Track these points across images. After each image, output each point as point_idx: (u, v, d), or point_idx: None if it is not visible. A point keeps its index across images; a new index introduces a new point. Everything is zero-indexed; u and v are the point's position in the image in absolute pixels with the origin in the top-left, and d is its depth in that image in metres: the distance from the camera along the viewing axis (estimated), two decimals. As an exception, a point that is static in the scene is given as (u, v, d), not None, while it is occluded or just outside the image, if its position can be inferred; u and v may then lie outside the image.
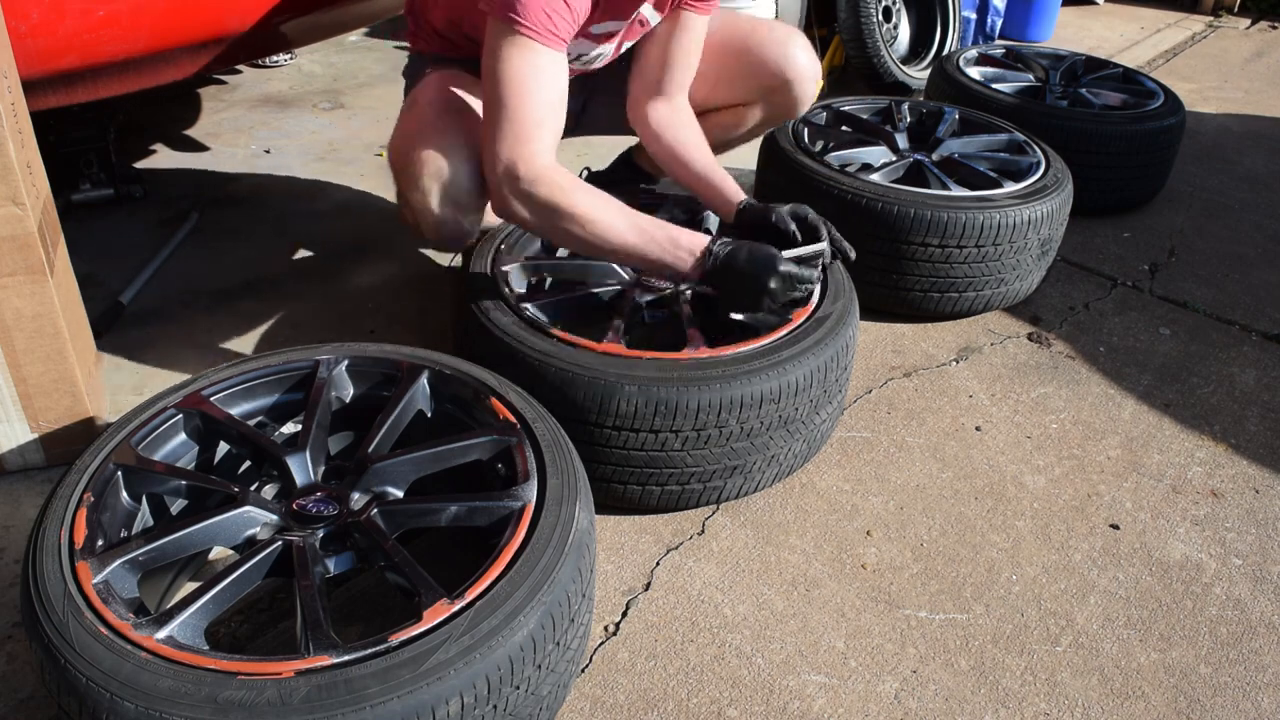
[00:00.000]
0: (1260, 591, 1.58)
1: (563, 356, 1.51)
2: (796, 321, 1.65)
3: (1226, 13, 5.24)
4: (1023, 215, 2.09)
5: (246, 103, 3.24)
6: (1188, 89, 3.97)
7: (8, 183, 1.40)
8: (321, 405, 1.39)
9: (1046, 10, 4.39)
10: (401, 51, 3.81)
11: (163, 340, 2.01)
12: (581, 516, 1.21)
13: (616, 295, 1.77)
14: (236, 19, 1.98)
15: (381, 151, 2.92)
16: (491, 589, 1.09)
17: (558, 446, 1.31)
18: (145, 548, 1.15)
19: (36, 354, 1.53)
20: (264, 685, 0.97)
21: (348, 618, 1.40)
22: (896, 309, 2.20)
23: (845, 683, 1.37)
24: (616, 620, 1.44)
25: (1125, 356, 2.16)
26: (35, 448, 1.61)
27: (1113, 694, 1.38)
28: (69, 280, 1.63)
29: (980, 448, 1.85)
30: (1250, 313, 2.37)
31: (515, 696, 1.07)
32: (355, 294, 2.21)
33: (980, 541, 1.64)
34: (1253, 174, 3.19)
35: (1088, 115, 2.70)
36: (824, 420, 1.67)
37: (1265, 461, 1.87)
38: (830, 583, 1.53)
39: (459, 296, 1.70)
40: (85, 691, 0.97)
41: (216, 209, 2.53)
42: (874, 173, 2.22)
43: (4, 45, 1.48)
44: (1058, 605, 1.52)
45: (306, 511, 1.24)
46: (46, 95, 1.88)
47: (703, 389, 1.47)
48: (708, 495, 1.59)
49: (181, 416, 1.36)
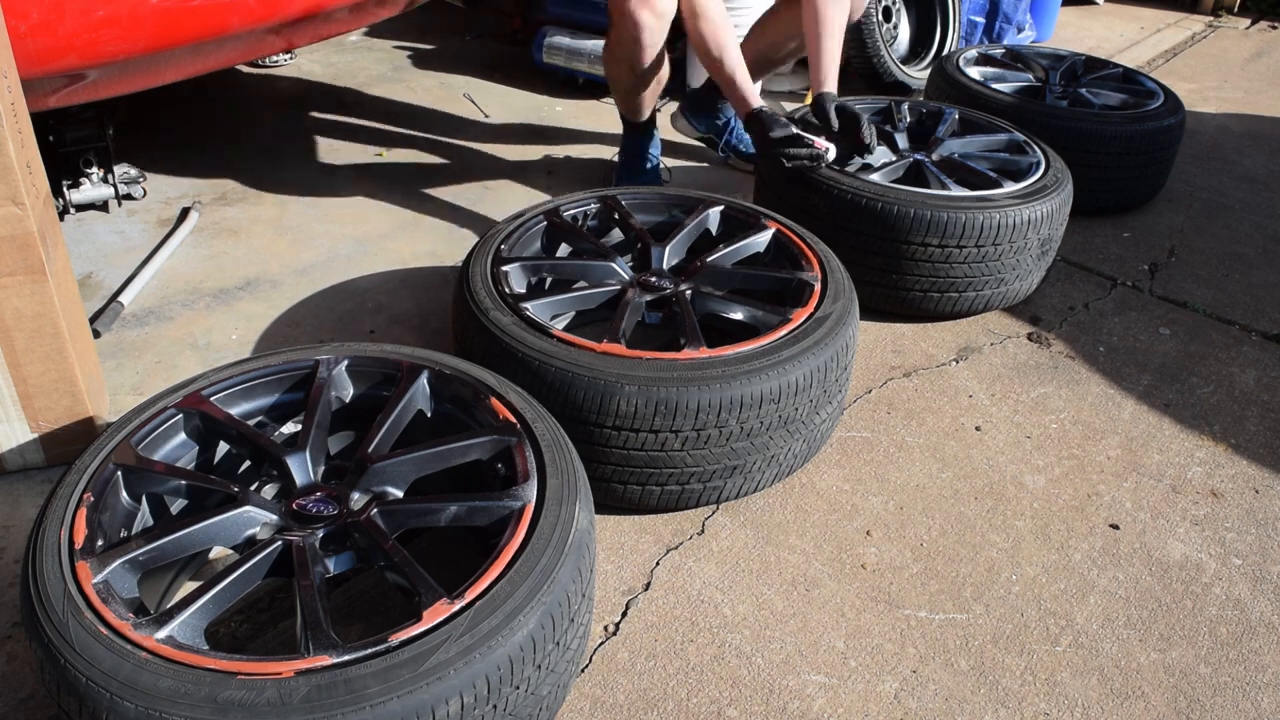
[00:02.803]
0: (1260, 591, 1.58)
1: (563, 356, 1.51)
2: (796, 321, 1.65)
3: (1226, 13, 5.24)
4: (1023, 215, 2.09)
5: (247, 102, 3.24)
6: (1188, 89, 3.97)
7: (8, 183, 1.40)
8: (321, 405, 1.39)
9: (1046, 10, 4.39)
10: (401, 51, 3.82)
11: (163, 340, 2.01)
12: (581, 516, 1.21)
13: (616, 295, 1.77)
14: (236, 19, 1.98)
15: (382, 152, 2.92)
16: (491, 589, 1.09)
17: (558, 446, 1.31)
18: (145, 548, 1.16)
19: (36, 354, 1.53)
20: (264, 685, 0.97)
21: (348, 618, 1.40)
22: (896, 309, 2.20)
23: (845, 683, 1.37)
24: (616, 620, 1.44)
25: (1125, 356, 2.16)
26: (35, 448, 1.61)
27: (1112, 694, 1.38)
28: (68, 280, 1.63)
29: (980, 448, 1.85)
30: (1250, 313, 2.37)
31: (515, 696, 1.07)
32: (355, 294, 2.21)
33: (980, 541, 1.64)
34: (1252, 174, 3.19)
35: (1088, 115, 2.69)
36: (824, 420, 1.67)
37: (1265, 461, 1.87)
38: (830, 583, 1.53)
39: (459, 296, 1.70)
40: (85, 691, 0.97)
41: (216, 209, 2.53)
42: (874, 173, 2.22)
43: (4, 45, 1.48)
44: (1058, 605, 1.52)
45: (306, 511, 1.24)
46: (46, 95, 1.88)
47: (703, 389, 1.47)
48: (708, 495, 1.59)
49: (181, 416, 1.36)
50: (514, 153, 2.98)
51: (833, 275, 1.80)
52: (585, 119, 3.28)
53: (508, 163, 2.91)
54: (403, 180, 2.75)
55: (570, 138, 3.13)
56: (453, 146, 3.00)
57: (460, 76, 3.60)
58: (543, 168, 2.89)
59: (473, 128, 3.15)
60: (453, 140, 3.04)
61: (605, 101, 3.44)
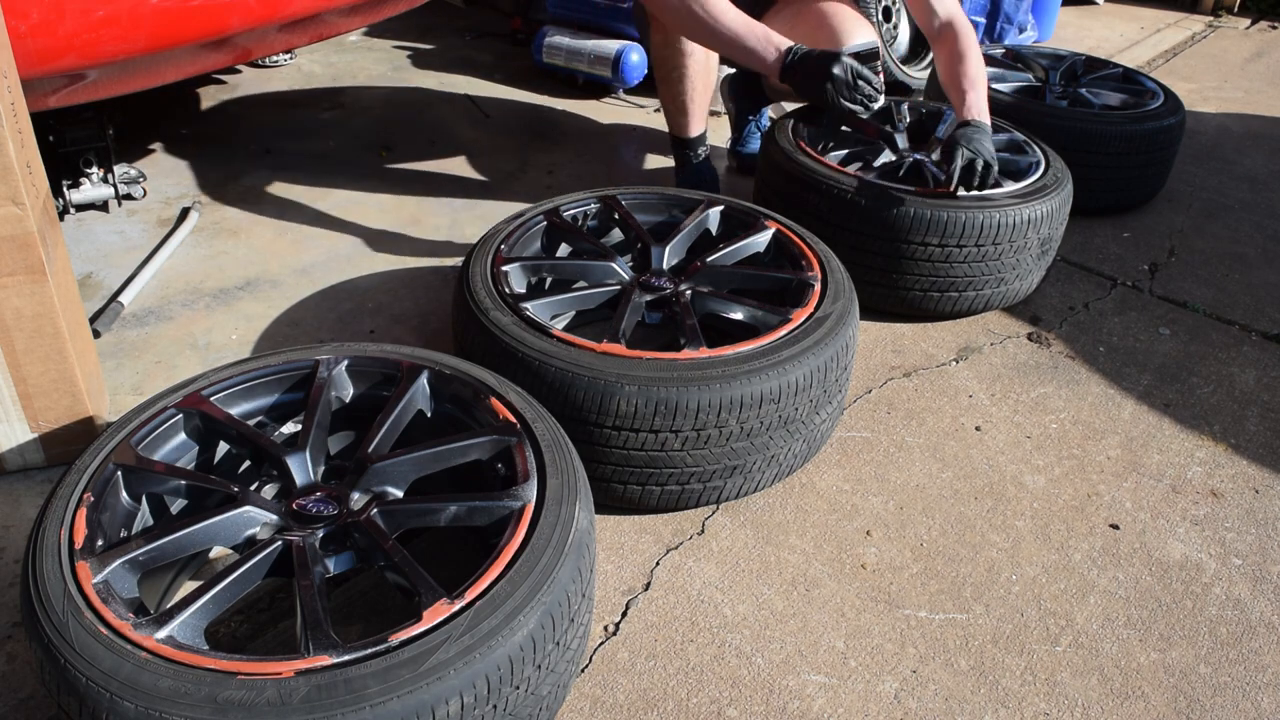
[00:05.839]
0: (1260, 591, 1.58)
1: (563, 356, 1.51)
2: (796, 321, 1.65)
3: (1226, 13, 5.23)
4: (1022, 215, 2.08)
5: (246, 103, 3.24)
6: (1188, 89, 3.97)
7: (8, 183, 1.40)
8: (321, 405, 1.39)
9: (1047, 10, 4.39)
10: (401, 51, 3.82)
11: (163, 340, 2.01)
12: (581, 516, 1.21)
13: (616, 295, 1.77)
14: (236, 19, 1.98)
15: (382, 152, 2.92)
16: (491, 589, 1.09)
17: (558, 446, 1.31)
18: (145, 547, 1.16)
19: (36, 354, 1.53)
20: (264, 685, 0.97)
21: (348, 618, 1.40)
22: (896, 309, 2.20)
23: (845, 683, 1.37)
24: (616, 620, 1.44)
25: (1125, 356, 2.16)
26: (35, 448, 1.61)
27: (1112, 694, 1.38)
28: (68, 280, 1.63)
29: (980, 448, 1.85)
30: (1250, 313, 2.37)
31: (515, 696, 1.07)
32: (355, 294, 2.21)
33: (980, 541, 1.64)
34: (1252, 174, 3.19)
35: (1088, 115, 2.69)
36: (824, 420, 1.67)
37: (1265, 461, 1.87)
38: (830, 582, 1.53)
39: (459, 296, 1.70)
40: (85, 691, 0.97)
41: (216, 209, 2.53)
42: (873, 172, 2.22)
43: (4, 45, 1.48)
44: (1057, 605, 1.52)
45: (306, 511, 1.24)
46: (46, 95, 1.88)
47: (703, 389, 1.47)
48: (708, 495, 1.59)
49: (181, 416, 1.36)
50: (514, 153, 2.98)
51: (833, 275, 1.80)
52: (585, 119, 3.28)
53: (508, 163, 2.91)
54: (403, 180, 2.75)
55: (570, 138, 3.13)
56: (453, 146, 3.00)
57: (460, 76, 3.60)
58: (543, 168, 2.89)
59: (473, 128, 3.15)
60: (453, 140, 3.04)
61: (605, 101, 3.44)
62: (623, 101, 3.46)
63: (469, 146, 3.00)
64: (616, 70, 3.32)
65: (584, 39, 3.38)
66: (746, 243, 1.93)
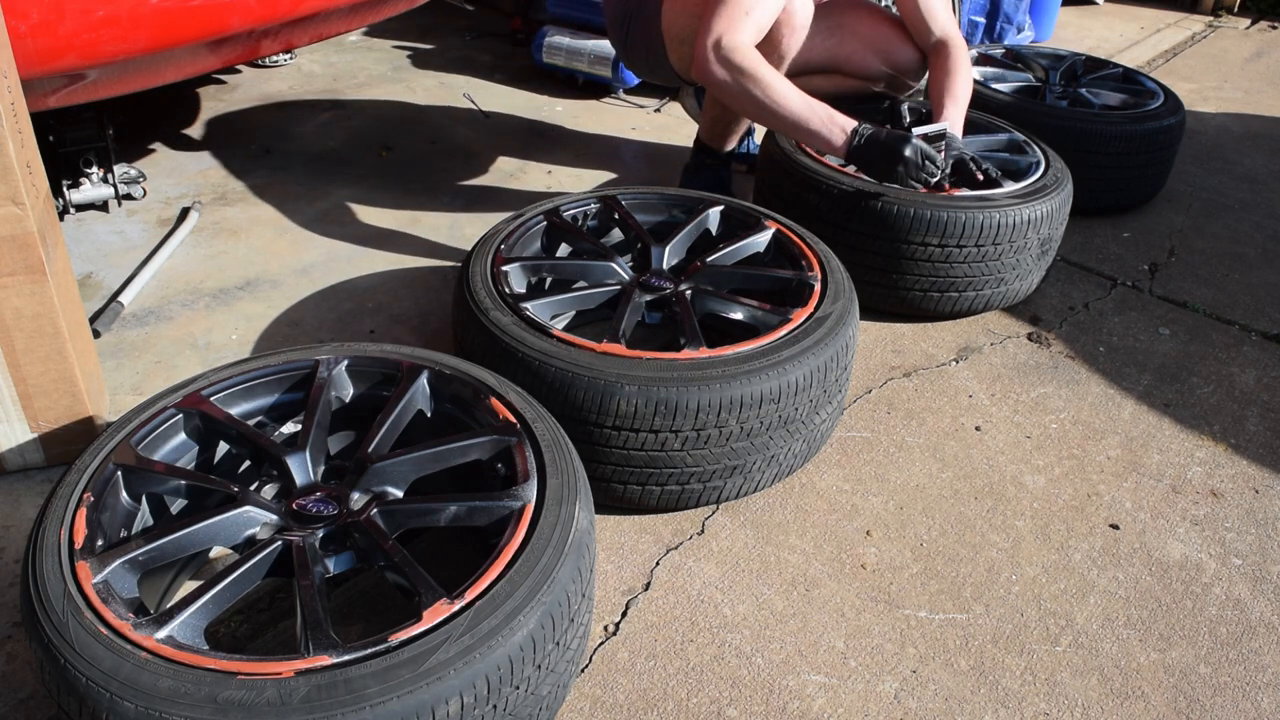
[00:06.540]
0: (1260, 592, 1.58)
1: (563, 356, 1.51)
2: (796, 321, 1.65)
3: (1226, 13, 5.23)
4: (1022, 215, 2.09)
5: (246, 102, 3.24)
6: (1188, 89, 3.97)
7: (8, 183, 1.40)
8: (321, 405, 1.39)
9: (1046, 10, 4.39)
10: (401, 51, 3.82)
11: (162, 340, 2.01)
12: (581, 516, 1.21)
13: (616, 295, 1.77)
14: (236, 19, 1.98)
15: (382, 152, 2.92)
16: (491, 589, 1.09)
17: (558, 446, 1.31)
18: (145, 547, 1.16)
19: (36, 354, 1.53)
20: (264, 685, 0.97)
21: (348, 618, 1.40)
22: (896, 309, 2.20)
23: (845, 683, 1.37)
24: (616, 620, 1.44)
25: (1125, 356, 2.16)
26: (35, 448, 1.61)
27: (1112, 694, 1.38)
28: (68, 280, 1.63)
29: (980, 447, 1.85)
30: (1250, 313, 2.37)
31: (515, 696, 1.07)
32: (355, 294, 2.21)
33: (980, 541, 1.64)
34: (1253, 174, 3.19)
35: (1088, 115, 2.69)
36: (824, 420, 1.67)
37: (1265, 461, 1.87)
38: (830, 583, 1.53)
39: (459, 296, 1.70)
40: (85, 691, 0.97)
41: (216, 209, 2.53)
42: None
43: (4, 45, 1.48)
44: (1057, 605, 1.52)
45: (306, 511, 1.24)
46: (46, 95, 1.88)
47: (703, 389, 1.47)
48: (708, 495, 1.59)
49: (181, 416, 1.36)
50: (514, 152, 2.98)
51: (833, 275, 1.80)
52: (585, 119, 3.28)
53: (508, 163, 2.91)
54: (403, 180, 2.75)
55: (570, 138, 3.13)
56: (453, 147, 3.00)
57: (460, 76, 3.60)
58: (543, 168, 2.89)
59: (473, 128, 3.15)
60: (453, 140, 3.04)
61: (605, 101, 3.44)
62: (623, 101, 3.46)
63: (469, 146, 3.01)
64: (616, 70, 3.33)
65: (584, 39, 3.38)
66: (746, 243, 1.93)
